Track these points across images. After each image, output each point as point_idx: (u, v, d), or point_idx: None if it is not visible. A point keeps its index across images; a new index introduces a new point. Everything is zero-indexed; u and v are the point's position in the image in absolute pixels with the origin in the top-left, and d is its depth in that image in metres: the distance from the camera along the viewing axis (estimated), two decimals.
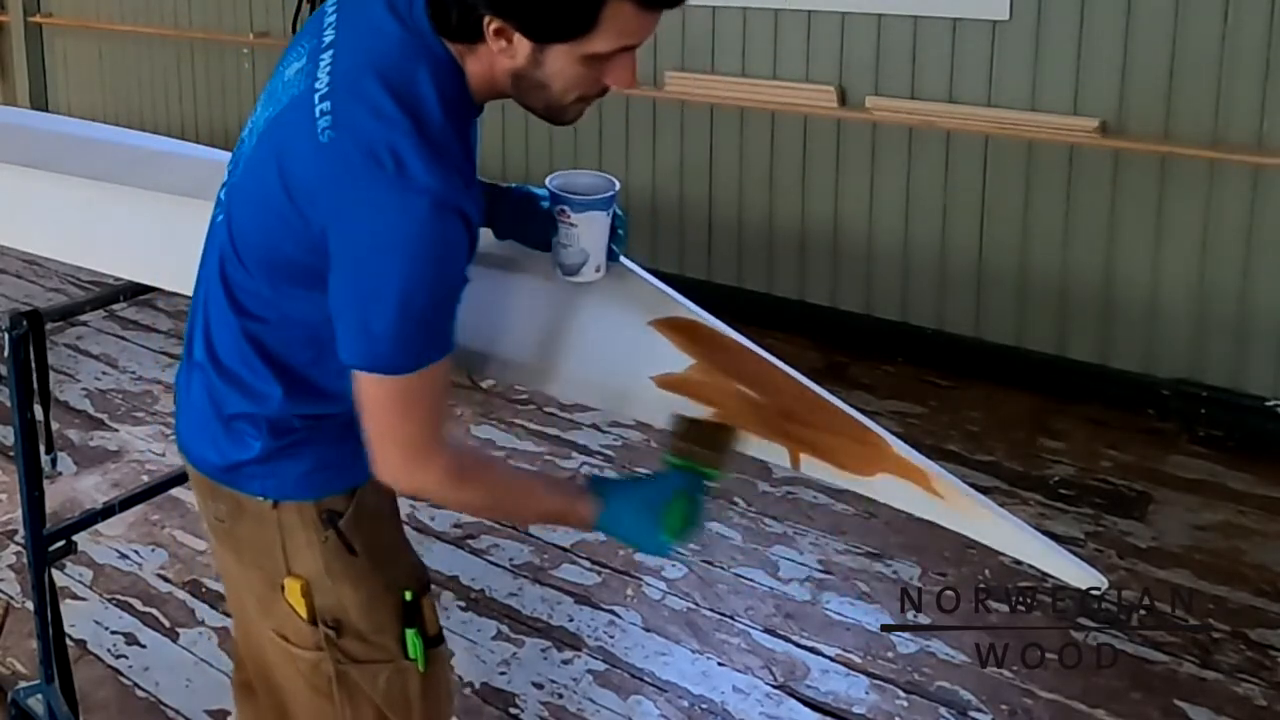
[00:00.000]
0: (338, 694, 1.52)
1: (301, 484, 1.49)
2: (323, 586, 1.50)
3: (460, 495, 1.45)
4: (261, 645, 1.60)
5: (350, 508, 1.50)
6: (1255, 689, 2.60)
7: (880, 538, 3.19)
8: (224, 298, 1.47)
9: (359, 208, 1.27)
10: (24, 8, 7.37)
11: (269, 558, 1.51)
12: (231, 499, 1.51)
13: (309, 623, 1.51)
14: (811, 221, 4.58)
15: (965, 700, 2.57)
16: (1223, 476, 3.53)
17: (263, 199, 1.39)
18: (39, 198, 2.30)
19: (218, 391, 1.48)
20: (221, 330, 1.48)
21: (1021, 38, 4.01)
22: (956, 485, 1.56)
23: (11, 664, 2.69)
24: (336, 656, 1.51)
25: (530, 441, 3.77)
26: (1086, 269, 4.01)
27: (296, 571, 1.50)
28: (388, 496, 1.60)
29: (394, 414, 1.33)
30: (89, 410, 4.02)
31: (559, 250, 1.56)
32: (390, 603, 1.53)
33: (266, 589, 1.53)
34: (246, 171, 1.44)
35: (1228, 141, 3.70)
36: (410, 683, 1.54)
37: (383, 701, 1.54)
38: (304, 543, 1.49)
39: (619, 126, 5.03)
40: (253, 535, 1.52)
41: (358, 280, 1.29)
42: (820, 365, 4.27)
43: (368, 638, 1.52)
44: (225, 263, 1.47)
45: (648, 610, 2.89)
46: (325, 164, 1.29)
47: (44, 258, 3.80)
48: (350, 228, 1.28)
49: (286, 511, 1.49)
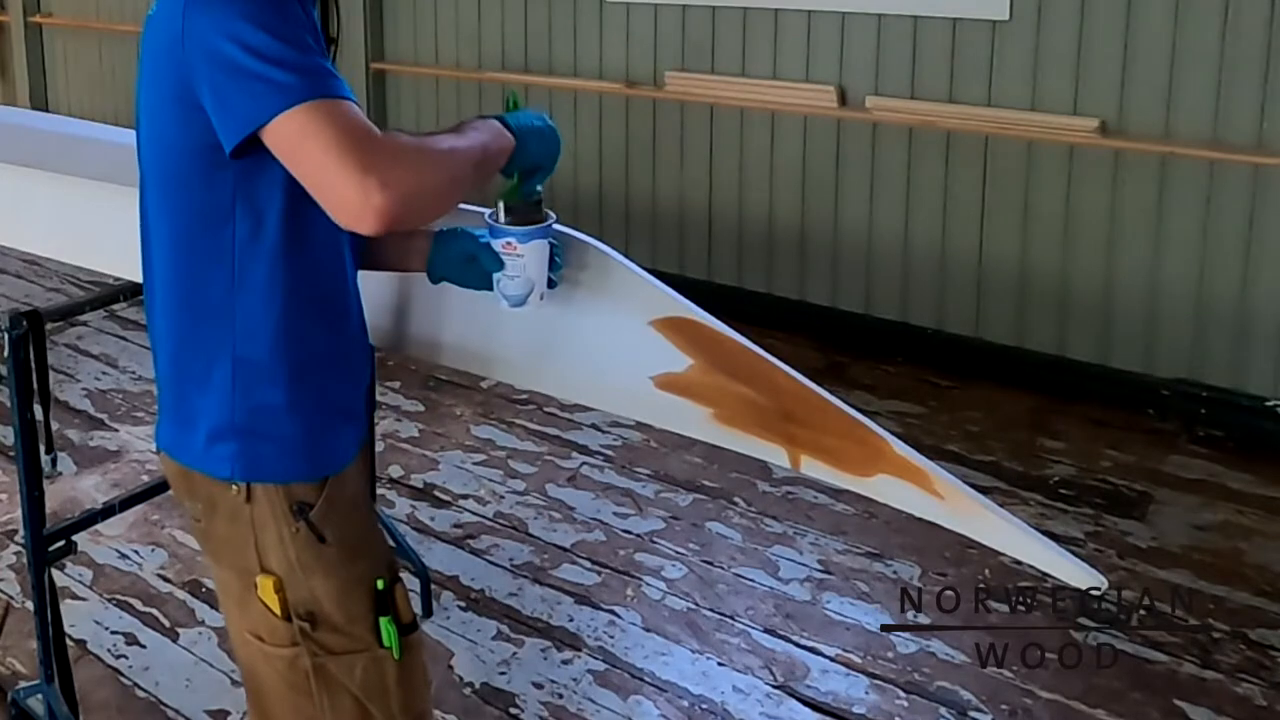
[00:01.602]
0: (315, 687, 1.54)
1: (271, 465, 1.49)
2: (294, 580, 1.51)
3: (429, 154, 1.37)
4: (243, 648, 1.62)
5: (321, 499, 1.51)
6: (1255, 689, 2.60)
7: (880, 538, 3.19)
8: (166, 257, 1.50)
9: (196, 19, 1.35)
10: (24, 8, 7.38)
11: (242, 556, 1.53)
12: (205, 495, 1.53)
13: (283, 619, 1.52)
14: (812, 221, 4.58)
15: (965, 700, 2.57)
16: (1223, 476, 3.53)
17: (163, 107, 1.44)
18: (39, 198, 2.31)
19: (184, 353, 1.51)
20: (171, 288, 1.50)
21: (1021, 38, 4.01)
22: (957, 485, 1.57)
23: (11, 664, 2.69)
24: (313, 650, 1.53)
25: (530, 441, 3.78)
26: (1086, 269, 4.01)
27: (268, 568, 1.51)
28: (359, 485, 1.61)
29: (333, 122, 1.29)
30: (89, 410, 4.02)
31: (504, 283, 1.60)
32: (363, 592, 1.54)
33: (242, 589, 1.55)
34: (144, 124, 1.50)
35: (1228, 141, 3.70)
36: (387, 671, 1.55)
37: (360, 691, 1.55)
38: (275, 538, 1.51)
39: (619, 126, 5.03)
40: (227, 533, 1.54)
41: (233, 57, 1.32)
42: (820, 365, 4.27)
43: (342, 629, 1.53)
44: (158, 228, 1.50)
45: (648, 610, 2.89)
46: (160, 22, 1.41)
47: (44, 258, 3.81)
48: (200, 31, 1.35)
49: (258, 505, 1.50)
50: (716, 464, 3.54)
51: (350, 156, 1.28)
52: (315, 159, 1.30)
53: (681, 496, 3.43)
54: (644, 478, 3.54)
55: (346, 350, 1.57)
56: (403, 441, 3.77)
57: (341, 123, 1.30)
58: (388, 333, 1.89)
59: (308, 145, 1.30)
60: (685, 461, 3.60)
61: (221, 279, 1.46)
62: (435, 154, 1.38)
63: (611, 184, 5.09)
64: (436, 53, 5.59)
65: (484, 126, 1.50)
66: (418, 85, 5.69)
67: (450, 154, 1.41)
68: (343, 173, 1.28)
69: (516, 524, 3.29)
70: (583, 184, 5.14)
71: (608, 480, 3.53)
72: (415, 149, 1.36)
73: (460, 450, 3.73)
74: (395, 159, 1.30)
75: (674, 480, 3.52)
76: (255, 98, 1.31)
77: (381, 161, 1.29)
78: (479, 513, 3.35)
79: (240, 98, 1.33)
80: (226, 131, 1.35)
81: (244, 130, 1.33)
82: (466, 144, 1.45)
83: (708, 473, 3.54)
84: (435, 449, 3.74)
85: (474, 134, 1.48)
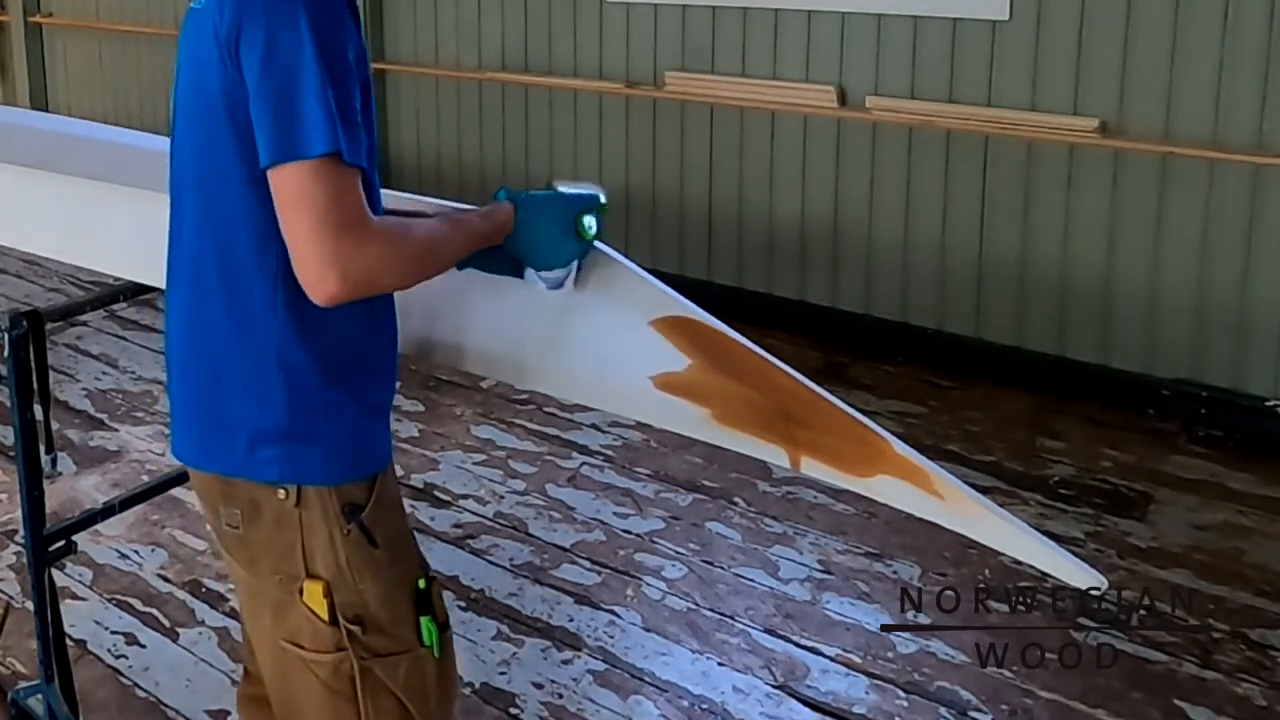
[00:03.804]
0: (361, 691, 1.53)
1: (321, 468, 1.49)
2: (343, 584, 1.50)
3: (403, 253, 1.43)
4: (275, 657, 1.59)
5: (371, 499, 1.51)
6: (1255, 689, 2.60)
7: (880, 538, 3.19)
8: (203, 269, 1.50)
9: (245, 23, 1.37)
10: (24, 8, 7.38)
11: (287, 560, 1.51)
12: (247, 500, 1.51)
13: (329, 624, 1.51)
14: (811, 221, 4.58)
15: (965, 700, 2.57)
16: (1223, 476, 3.53)
17: (204, 121, 1.46)
18: (39, 198, 2.30)
19: (223, 362, 1.50)
20: (212, 299, 1.50)
21: (1021, 38, 4.01)
22: (957, 485, 1.56)
23: (11, 664, 2.69)
24: (360, 654, 1.52)
25: (530, 441, 3.78)
26: (1086, 269, 4.01)
27: (316, 572, 1.50)
28: (397, 486, 1.61)
29: (326, 197, 1.35)
30: (89, 410, 4.02)
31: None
32: (406, 593, 1.55)
33: (283, 595, 1.53)
34: (185, 117, 1.52)
35: (1228, 141, 3.70)
36: (427, 670, 1.56)
37: (403, 692, 1.55)
38: (324, 541, 1.50)
39: (619, 126, 5.03)
40: (270, 539, 1.52)
41: (269, 76, 1.37)
42: (820, 365, 4.27)
43: (388, 630, 1.53)
44: (198, 240, 1.51)
45: (648, 610, 2.89)
46: (207, 17, 1.42)
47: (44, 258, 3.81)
48: (249, 40, 1.38)
49: (308, 508, 1.49)
50: (716, 464, 3.54)
51: (324, 242, 1.35)
52: (296, 224, 1.36)
53: (681, 496, 3.43)
54: (644, 478, 3.54)
55: (381, 350, 1.57)
56: (403, 441, 3.77)
57: (334, 201, 1.35)
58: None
59: (296, 205, 1.36)
60: (685, 461, 3.60)
61: (265, 290, 1.46)
62: (410, 251, 1.45)
63: (611, 184, 5.07)
64: (436, 53, 5.59)
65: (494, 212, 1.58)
66: (418, 85, 5.69)
67: (427, 249, 1.48)
68: (311, 251, 1.35)
69: (516, 524, 3.29)
70: None
71: (608, 480, 3.53)
72: (390, 246, 1.40)
73: (460, 450, 3.73)
74: (364, 253, 1.36)
75: (674, 480, 3.52)
76: (278, 130, 1.36)
77: (350, 255, 1.35)
78: (479, 513, 3.35)
79: (265, 126, 1.37)
80: (261, 144, 1.39)
81: (267, 161, 1.38)
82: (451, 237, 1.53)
83: (708, 473, 3.54)
84: (435, 449, 3.74)
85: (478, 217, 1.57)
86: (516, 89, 5.30)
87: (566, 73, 5.14)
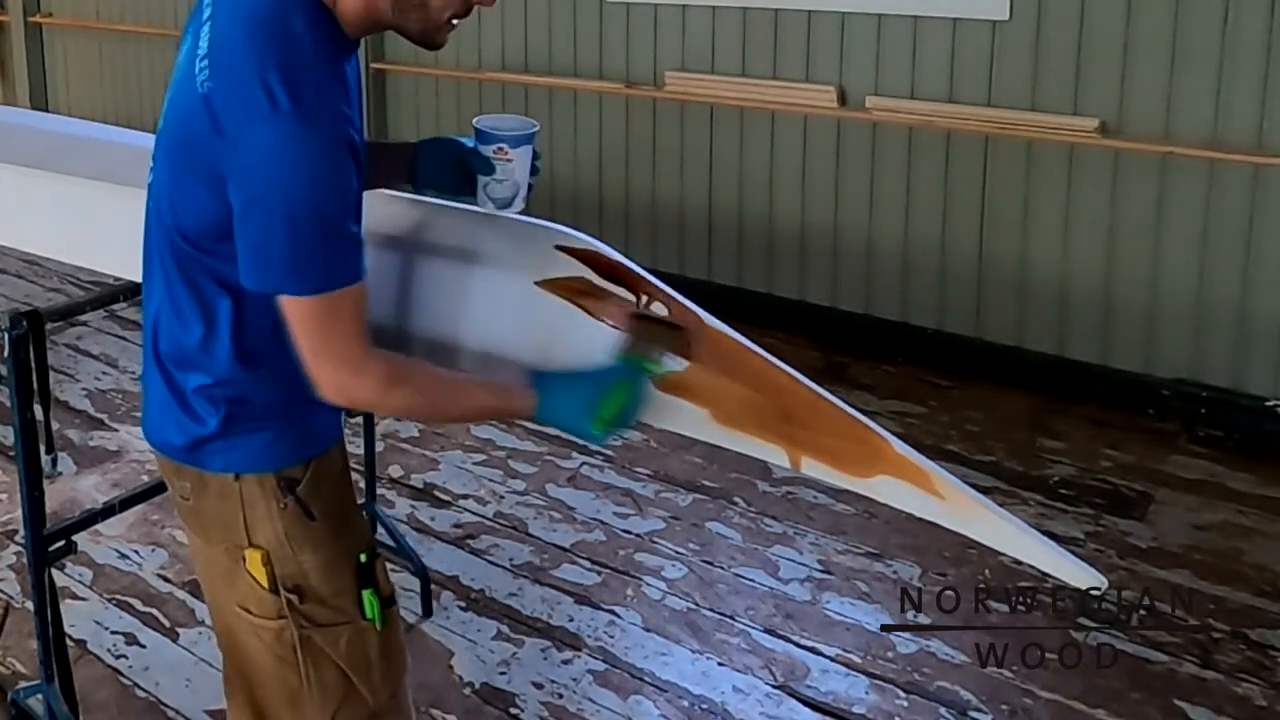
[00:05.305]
0: (301, 659, 1.58)
1: (260, 457, 1.55)
2: (282, 555, 1.56)
3: (397, 399, 1.48)
4: (228, 622, 1.65)
5: (307, 475, 1.57)
6: (1255, 689, 2.60)
7: (880, 538, 3.19)
8: (168, 281, 1.52)
9: (240, 142, 1.35)
10: (24, 8, 7.37)
11: (232, 530, 1.57)
12: (195, 475, 1.57)
13: (270, 592, 1.56)
14: (811, 221, 4.58)
15: (965, 700, 2.57)
16: (1223, 476, 3.53)
17: (180, 173, 1.46)
18: (39, 198, 2.31)
19: (173, 373, 1.55)
20: (170, 315, 1.53)
21: (1021, 38, 4.01)
22: (957, 485, 1.56)
23: (11, 664, 2.69)
24: (300, 622, 1.57)
25: (530, 441, 3.77)
26: (1086, 269, 4.01)
27: (257, 542, 1.56)
28: (343, 462, 1.67)
29: (316, 333, 1.40)
30: (89, 410, 4.02)
31: (493, 186, 1.70)
32: (347, 565, 1.59)
33: (230, 563, 1.59)
34: (163, 155, 1.52)
35: (1228, 141, 3.70)
36: (369, 642, 1.61)
37: (344, 662, 1.59)
38: (264, 513, 1.55)
39: (619, 126, 5.03)
40: (215, 510, 1.57)
41: (251, 208, 1.36)
42: (820, 365, 4.27)
43: (328, 601, 1.58)
44: (167, 248, 1.52)
45: (648, 610, 2.89)
46: (207, 112, 1.38)
47: (44, 258, 3.81)
48: (238, 162, 1.36)
49: (248, 484, 1.55)
50: (716, 464, 3.54)
51: (322, 368, 1.41)
52: (298, 341, 1.41)
53: (681, 496, 3.43)
54: (644, 478, 3.54)
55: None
56: (403, 441, 3.77)
57: (322, 336, 1.40)
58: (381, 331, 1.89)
59: (292, 328, 1.41)
60: (685, 461, 3.60)
61: (199, 322, 1.50)
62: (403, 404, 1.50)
63: (611, 184, 5.09)
64: (436, 53, 5.58)
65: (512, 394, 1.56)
66: (418, 85, 5.69)
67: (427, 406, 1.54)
68: (313, 370, 1.42)
69: (516, 524, 3.29)
70: (583, 184, 5.14)
71: (608, 480, 3.53)
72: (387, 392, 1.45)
73: (460, 450, 3.73)
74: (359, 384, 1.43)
75: (674, 480, 3.52)
76: (257, 263, 1.38)
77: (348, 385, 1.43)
78: (479, 513, 3.35)
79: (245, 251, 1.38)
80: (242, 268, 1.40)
81: (252, 286, 1.40)
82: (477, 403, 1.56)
83: (708, 473, 3.54)
84: (435, 449, 3.74)
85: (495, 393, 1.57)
86: (516, 89, 5.30)
87: (566, 73, 5.14)
